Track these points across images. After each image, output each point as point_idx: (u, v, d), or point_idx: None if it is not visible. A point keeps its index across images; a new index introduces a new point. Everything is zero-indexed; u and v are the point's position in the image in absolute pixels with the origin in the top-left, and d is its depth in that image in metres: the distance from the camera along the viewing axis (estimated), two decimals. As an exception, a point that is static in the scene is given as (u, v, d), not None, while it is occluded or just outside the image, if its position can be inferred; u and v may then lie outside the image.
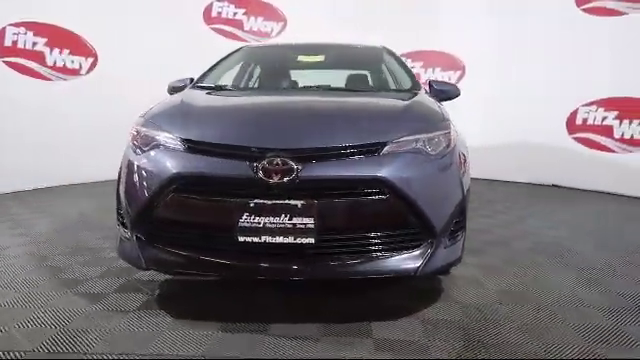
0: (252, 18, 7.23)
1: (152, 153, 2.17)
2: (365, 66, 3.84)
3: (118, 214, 2.36)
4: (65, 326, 2.07)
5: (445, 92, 3.09)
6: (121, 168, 2.33)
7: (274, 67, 3.76)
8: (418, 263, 2.06)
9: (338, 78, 3.63)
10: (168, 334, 2.01)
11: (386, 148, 2.07)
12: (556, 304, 2.38)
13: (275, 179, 1.93)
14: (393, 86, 3.42)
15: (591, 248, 3.39)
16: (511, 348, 1.93)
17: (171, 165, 2.05)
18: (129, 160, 2.27)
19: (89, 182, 5.96)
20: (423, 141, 2.17)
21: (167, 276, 2.66)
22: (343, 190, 1.98)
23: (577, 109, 5.96)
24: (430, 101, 2.68)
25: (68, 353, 1.84)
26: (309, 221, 1.93)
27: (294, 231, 1.94)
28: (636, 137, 5.46)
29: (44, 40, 5.59)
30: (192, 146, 2.09)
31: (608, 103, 5.68)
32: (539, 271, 2.88)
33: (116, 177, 2.35)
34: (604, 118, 5.73)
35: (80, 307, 2.27)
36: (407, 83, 3.24)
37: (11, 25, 5.36)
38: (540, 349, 1.93)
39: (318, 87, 3.13)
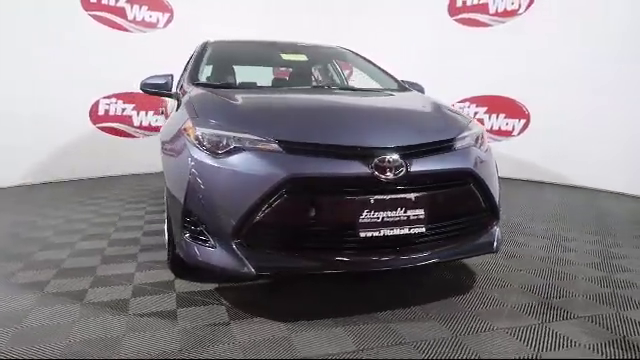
0: (136, 7, 6.68)
1: (242, 156, 2.08)
2: (331, 64, 4.02)
3: (188, 223, 2.18)
4: (186, 345, 1.89)
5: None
6: (191, 174, 2.15)
7: (256, 64, 3.70)
8: (494, 241, 2.39)
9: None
10: (302, 336, 1.99)
11: (457, 143, 2.35)
12: (563, 265, 2.94)
13: (390, 175, 2.06)
14: (377, 85, 3.64)
15: (527, 220, 4.11)
16: (584, 297, 2.39)
17: (280, 167, 2.00)
18: (207, 164, 2.12)
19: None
20: (471, 137, 2.50)
21: (210, 285, 2.52)
22: (442, 182, 2.20)
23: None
24: (443, 101, 3.01)
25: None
26: (420, 212, 2.11)
27: (409, 222, 2.09)
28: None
29: None
30: (296, 147, 2.08)
31: (479, 100, 6.77)
32: (522, 243, 3.42)
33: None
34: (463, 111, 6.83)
35: (166, 328, 2.05)
36: (390, 82, 3.52)
37: None
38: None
39: (333, 87, 3.23)
